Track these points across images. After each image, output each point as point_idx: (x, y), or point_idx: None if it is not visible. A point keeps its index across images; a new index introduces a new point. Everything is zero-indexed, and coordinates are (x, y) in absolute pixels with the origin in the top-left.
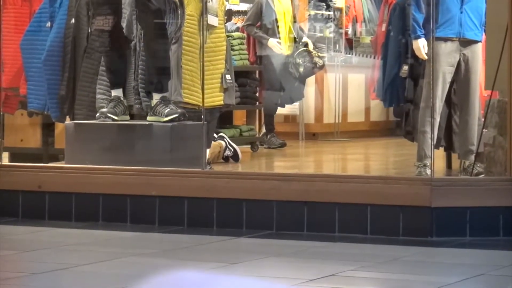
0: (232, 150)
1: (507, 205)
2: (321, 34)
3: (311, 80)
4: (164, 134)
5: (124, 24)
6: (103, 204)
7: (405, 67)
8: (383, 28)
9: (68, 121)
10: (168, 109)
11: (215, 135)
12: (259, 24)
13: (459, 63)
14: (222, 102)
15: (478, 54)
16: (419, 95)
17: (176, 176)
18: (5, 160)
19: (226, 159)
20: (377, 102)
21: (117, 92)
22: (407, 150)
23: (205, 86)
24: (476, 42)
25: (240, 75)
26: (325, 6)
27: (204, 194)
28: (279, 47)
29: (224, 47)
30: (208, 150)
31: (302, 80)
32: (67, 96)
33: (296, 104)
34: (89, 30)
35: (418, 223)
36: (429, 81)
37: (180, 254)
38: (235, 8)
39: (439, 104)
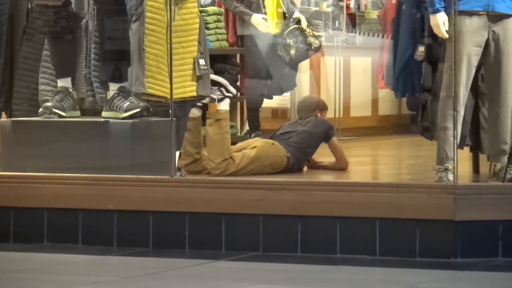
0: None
1: None
2: (317, 8)
3: (304, 65)
4: (124, 134)
5: None
6: (49, 221)
7: (421, 48)
8: (394, 0)
9: (4, 118)
10: (128, 103)
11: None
12: None
13: (487, 43)
14: (194, 94)
15: (510, 31)
16: (438, 82)
17: (139, 185)
18: None
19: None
20: (387, 92)
21: (64, 82)
22: (424, 151)
23: (174, 74)
24: (508, 16)
25: (217, 59)
26: None
27: (174, 208)
28: (265, 24)
29: (197, 25)
30: (178, 153)
31: (293, 65)
32: (3, 87)
33: (287, 95)
34: (29, 6)
35: (439, 241)
36: (451, 65)
37: (144, 282)
38: None
39: (464, 93)
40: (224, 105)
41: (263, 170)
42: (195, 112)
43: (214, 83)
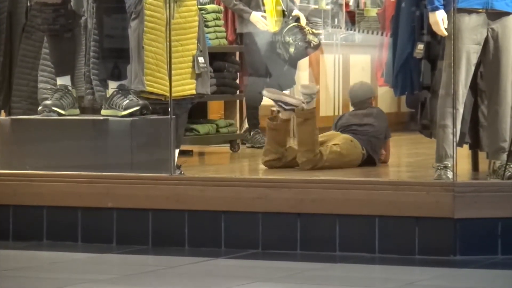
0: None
1: None
2: (316, 6)
3: (304, 63)
4: (123, 132)
5: None
6: (48, 219)
7: (420, 46)
8: None
9: (3, 116)
10: (127, 101)
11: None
12: None
13: (486, 41)
14: (194, 91)
15: (510, 29)
16: (437, 80)
17: (138, 183)
18: None
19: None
20: (386, 90)
21: (63, 80)
22: (423, 149)
23: (173, 72)
24: (507, 14)
25: (216, 57)
26: None
27: (173, 206)
28: (264, 22)
29: (196, 23)
30: (177, 151)
31: (293, 63)
32: (2, 85)
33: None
34: (29, 4)
35: (438, 238)
36: (450, 63)
37: (144, 280)
38: None
39: (463, 91)
40: (311, 105)
41: (341, 166)
42: (287, 114)
43: (305, 89)
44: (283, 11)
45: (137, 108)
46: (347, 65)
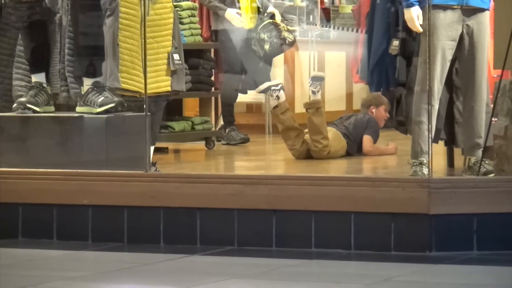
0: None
1: None
2: (291, 3)
3: (279, 60)
4: (98, 129)
5: None
6: (23, 216)
7: (395, 43)
8: None
9: None
10: (102, 98)
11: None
12: None
13: (461, 37)
14: (169, 88)
15: (485, 25)
16: (413, 76)
17: (114, 180)
18: None
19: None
20: (362, 86)
21: (38, 78)
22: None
23: (148, 69)
24: (482, 10)
25: (192, 54)
26: None
27: (149, 203)
28: (239, 19)
29: (171, 20)
30: (152, 148)
31: (268, 59)
32: None
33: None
34: (3, 1)
35: (414, 234)
36: (425, 59)
37: (120, 277)
38: None
39: (438, 87)
40: (319, 95)
41: (332, 155)
42: (282, 94)
43: (316, 78)
44: (258, 8)
45: (112, 105)
46: (322, 62)
